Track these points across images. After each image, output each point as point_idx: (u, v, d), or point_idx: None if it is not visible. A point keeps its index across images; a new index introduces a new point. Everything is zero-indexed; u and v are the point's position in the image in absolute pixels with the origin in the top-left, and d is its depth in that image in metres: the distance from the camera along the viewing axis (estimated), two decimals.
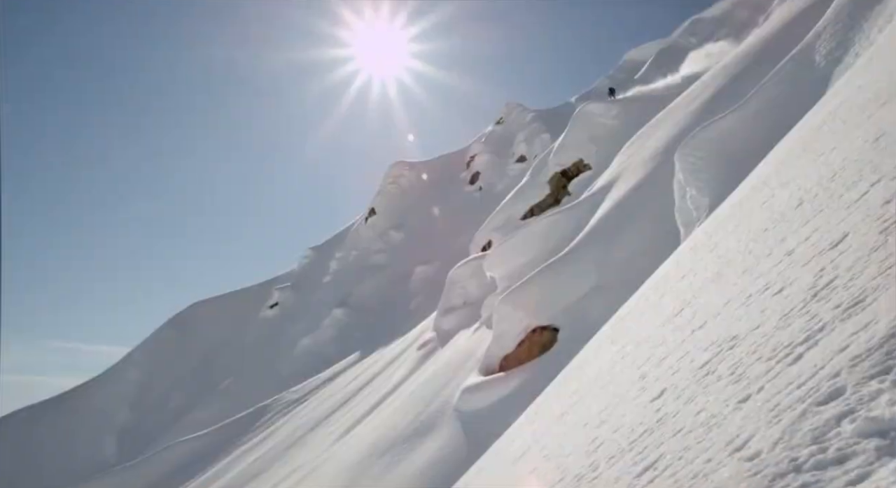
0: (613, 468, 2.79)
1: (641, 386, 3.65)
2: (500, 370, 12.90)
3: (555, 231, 16.95)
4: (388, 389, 19.23)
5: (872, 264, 2.45)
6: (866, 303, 2.22)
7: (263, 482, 18.08)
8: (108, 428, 43.50)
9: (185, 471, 23.99)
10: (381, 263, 48.78)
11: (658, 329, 4.69)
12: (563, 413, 5.06)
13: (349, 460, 14.06)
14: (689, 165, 10.05)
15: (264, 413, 27.58)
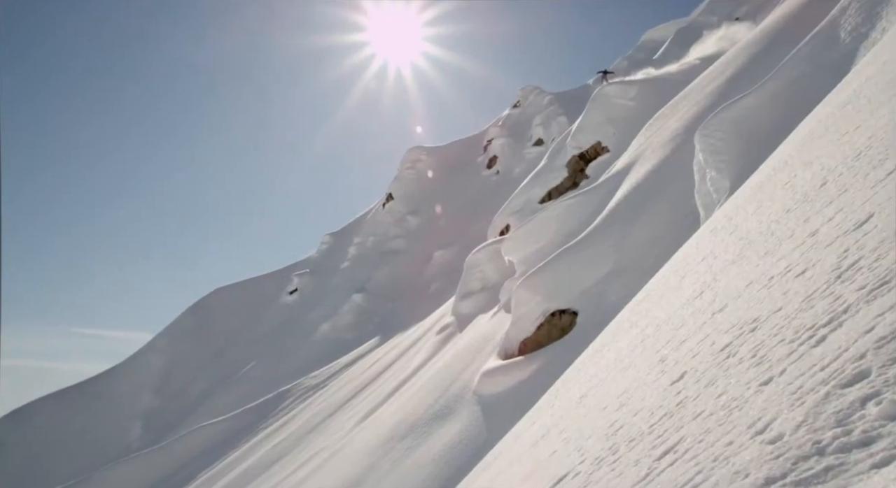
0: (633, 451, 2.78)
1: (661, 370, 3.63)
2: (518, 354, 12.92)
3: (573, 214, 16.86)
4: (408, 374, 19.35)
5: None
6: (892, 284, 2.18)
7: (285, 465, 18.33)
8: (134, 413, 44.30)
9: (209, 455, 24.38)
10: (399, 248, 48.90)
11: (678, 311, 4.66)
12: (583, 396, 5.05)
13: (369, 444, 14.19)
14: (710, 146, 9.92)
15: (285, 398, 27.89)
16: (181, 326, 53.13)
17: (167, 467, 25.20)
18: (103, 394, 46.62)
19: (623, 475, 2.61)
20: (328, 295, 48.08)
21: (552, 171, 24.93)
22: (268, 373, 38.39)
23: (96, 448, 40.21)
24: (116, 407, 45.18)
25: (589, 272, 12.76)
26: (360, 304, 42.54)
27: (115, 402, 45.64)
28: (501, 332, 14.53)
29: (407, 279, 43.31)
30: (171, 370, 48.18)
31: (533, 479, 3.82)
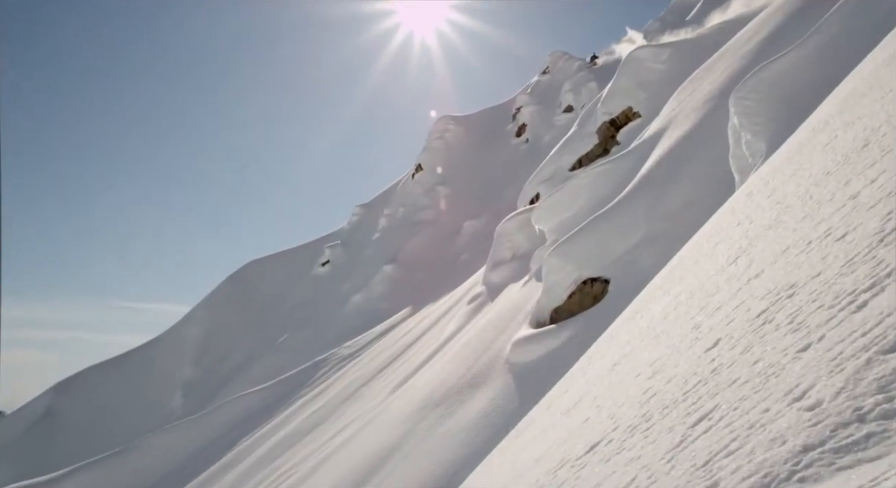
0: (667, 418, 2.76)
1: (695, 337, 3.59)
2: (550, 322, 12.91)
3: (604, 182, 16.64)
4: (440, 343, 19.51)
5: None
6: None
7: (322, 433, 18.73)
8: (174, 383, 45.59)
9: (247, 423, 25.03)
10: (429, 219, 48.96)
11: (712, 278, 4.58)
12: (615, 364, 5.03)
13: (403, 412, 14.40)
14: (745, 109, 9.64)
15: (320, 367, 28.40)
16: (218, 298, 54.23)
17: (208, 435, 25.96)
18: (145, 365, 48.04)
19: (657, 442, 2.60)
20: (360, 266, 48.50)
21: (582, 138, 24.57)
22: (303, 344, 39.08)
23: (140, 416, 41.59)
24: (158, 377, 46.55)
25: (621, 240, 12.63)
26: (391, 275, 42.86)
27: (156, 373, 47.01)
28: (532, 301, 14.52)
29: (437, 249, 43.43)
30: (208, 341, 49.34)
31: (566, 446, 3.84)
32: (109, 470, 25.74)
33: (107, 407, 44.24)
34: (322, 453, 16.43)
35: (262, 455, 20.17)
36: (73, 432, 42.04)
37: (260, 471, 18.84)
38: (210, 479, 20.82)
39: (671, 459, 2.32)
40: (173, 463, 24.92)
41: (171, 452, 25.72)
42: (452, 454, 10.62)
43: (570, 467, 3.34)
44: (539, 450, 4.50)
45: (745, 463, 1.84)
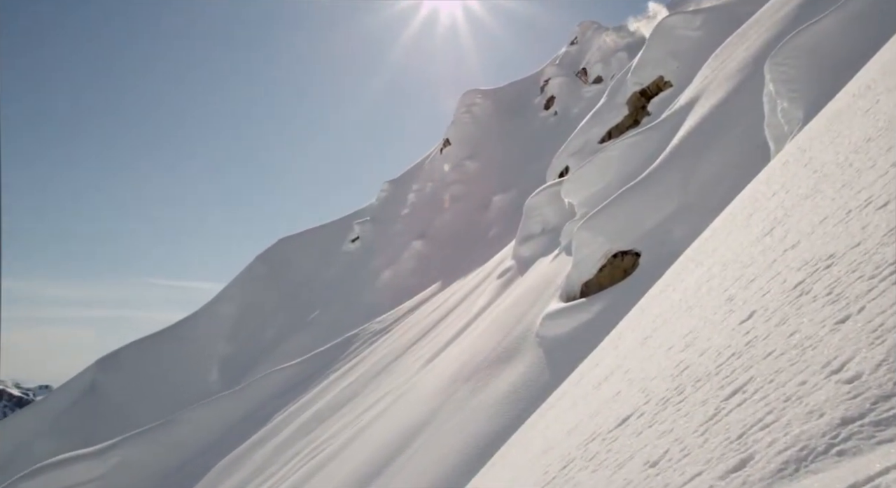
0: (700, 391, 2.73)
1: (729, 309, 3.53)
2: (580, 296, 12.85)
3: (634, 153, 16.38)
4: (470, 318, 19.58)
5: None
6: None
7: (354, 407, 19.03)
8: (211, 359, 46.61)
9: (282, 398, 25.54)
10: (457, 194, 48.84)
11: (746, 249, 4.49)
12: (647, 337, 4.99)
13: (435, 386, 14.54)
14: (781, 75, 9.36)
15: (351, 342, 28.76)
16: (250, 276, 55.04)
17: (244, 409, 26.57)
18: (183, 341, 49.14)
19: (689, 415, 2.58)
20: (389, 242, 48.74)
21: (612, 110, 24.15)
22: (334, 319, 39.57)
23: (179, 390, 42.69)
24: (194, 353, 47.61)
25: (652, 212, 12.46)
26: (421, 250, 43.00)
27: (193, 349, 48.08)
28: (562, 275, 14.45)
29: (466, 224, 43.39)
30: (242, 318, 50.22)
31: (597, 419, 3.83)
32: (151, 442, 26.54)
33: (147, 381, 45.48)
34: (355, 427, 16.71)
35: (296, 428, 20.59)
36: (115, 405, 43.37)
37: (295, 444, 19.25)
38: (247, 452, 21.35)
39: (704, 432, 2.29)
40: (212, 435, 25.60)
41: (210, 425, 26.40)
42: (483, 427, 10.70)
43: (601, 440, 3.34)
44: (570, 424, 4.51)
45: (781, 437, 1.81)
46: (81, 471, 25.50)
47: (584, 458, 3.31)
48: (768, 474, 1.70)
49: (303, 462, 17.02)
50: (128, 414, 41.03)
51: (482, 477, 6.66)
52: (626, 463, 2.70)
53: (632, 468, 2.59)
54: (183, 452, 25.32)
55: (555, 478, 3.45)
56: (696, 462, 2.12)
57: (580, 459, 3.37)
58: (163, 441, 26.44)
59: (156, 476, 24.40)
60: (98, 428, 39.09)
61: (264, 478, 18.06)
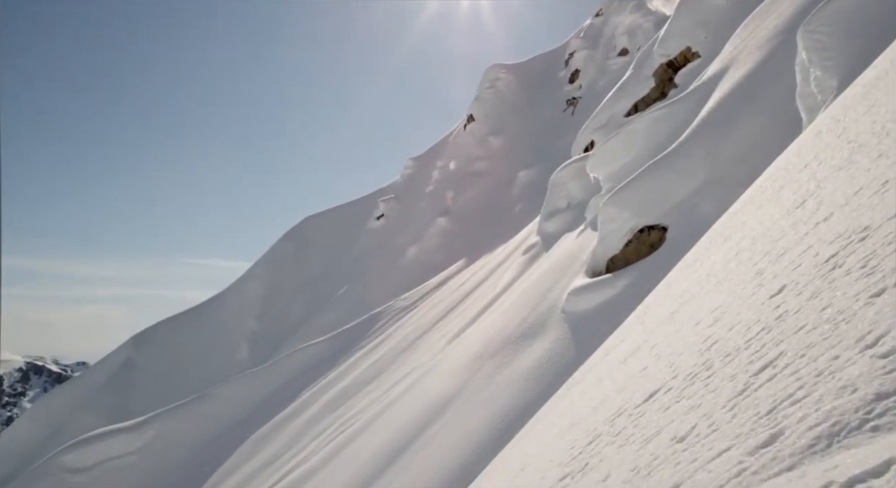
0: (728, 366, 2.70)
1: (758, 283, 3.47)
2: (606, 271, 12.77)
3: (661, 126, 16.11)
4: (495, 294, 19.59)
5: None
6: None
7: (381, 383, 19.25)
8: (240, 336, 47.41)
9: (310, 374, 25.92)
10: (481, 170, 48.62)
11: (777, 222, 4.40)
12: (674, 312, 4.94)
13: (460, 362, 14.63)
14: (815, 43, 9.08)
15: (378, 319, 29.00)
16: (277, 254, 55.62)
17: (273, 385, 27.04)
18: (213, 319, 50.01)
19: (718, 390, 2.55)
20: (414, 219, 48.81)
21: (638, 82, 23.72)
22: (360, 296, 39.89)
23: (210, 367, 43.56)
24: (225, 330, 48.46)
25: (679, 185, 12.28)
26: (446, 227, 43.00)
27: (223, 326, 48.94)
28: (588, 250, 14.36)
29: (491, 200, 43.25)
30: (270, 295, 50.88)
31: (624, 394, 3.82)
32: (185, 416, 27.19)
33: (179, 357, 46.47)
34: (383, 402, 16.91)
35: (325, 403, 20.92)
36: (149, 381, 44.44)
37: (324, 419, 19.57)
38: (278, 426, 21.77)
39: (733, 407, 2.27)
40: (242, 411, 26.13)
41: (241, 401, 26.94)
42: (509, 402, 10.76)
43: (627, 415, 3.33)
44: (596, 399, 4.50)
45: (813, 412, 1.78)
46: (120, 444, 26.26)
47: (611, 433, 3.30)
48: (799, 449, 1.68)
49: (332, 436, 17.32)
50: (161, 389, 42.03)
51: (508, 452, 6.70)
52: (653, 439, 2.69)
53: (659, 443, 2.58)
54: (215, 426, 25.91)
55: (581, 453, 3.45)
56: (725, 437, 2.10)
57: (607, 434, 3.36)
58: (196, 415, 27.07)
59: (190, 449, 25.03)
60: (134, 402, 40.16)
61: (295, 452, 18.43)
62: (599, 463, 3.02)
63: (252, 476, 19.01)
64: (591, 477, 2.96)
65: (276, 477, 17.24)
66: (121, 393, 43.49)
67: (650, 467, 2.42)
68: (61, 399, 44.87)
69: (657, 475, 2.29)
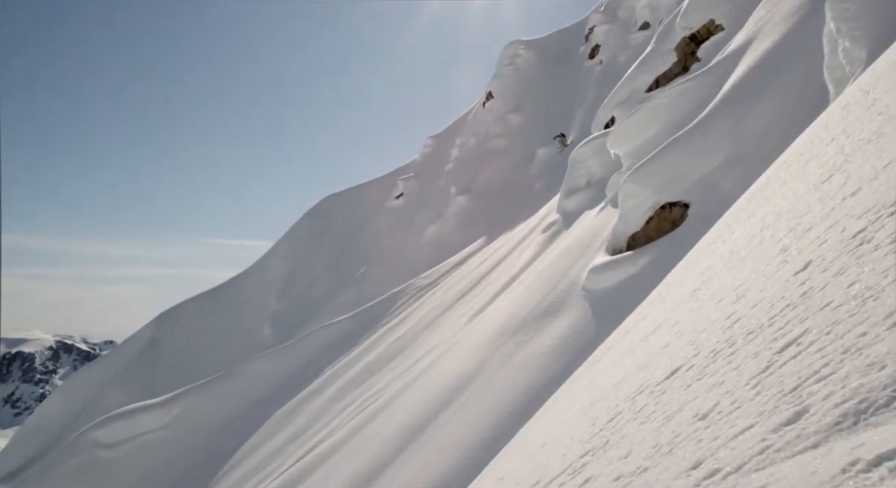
0: (752, 343, 2.67)
1: (783, 260, 3.42)
2: (627, 249, 12.68)
3: (683, 101, 15.84)
4: (515, 272, 19.57)
5: None
6: None
7: (403, 361, 19.40)
8: (263, 315, 47.97)
9: (332, 351, 26.20)
10: (501, 148, 48.31)
11: (802, 198, 4.32)
12: (696, 289, 4.90)
13: (481, 340, 14.68)
14: (843, 13, 8.84)
15: (398, 298, 29.15)
16: (298, 233, 55.98)
17: (296, 362, 27.39)
18: (236, 298, 50.64)
19: (741, 368, 2.53)
20: (433, 197, 48.76)
21: (660, 57, 23.31)
22: (381, 275, 40.09)
23: (234, 345, 44.21)
24: (247, 308, 49.06)
25: (701, 162, 12.10)
26: (465, 205, 42.91)
27: (246, 305, 49.53)
28: (608, 228, 14.26)
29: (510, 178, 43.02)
30: (292, 274, 51.32)
31: (645, 372, 3.80)
32: (211, 393, 27.68)
33: (204, 336, 47.20)
34: (404, 379, 17.07)
35: (347, 381, 21.16)
36: (175, 359, 45.24)
37: (347, 396, 19.81)
38: (301, 403, 22.09)
39: (756, 385, 2.25)
40: (266, 388, 26.54)
41: (265, 378, 27.35)
42: (530, 380, 10.80)
43: (649, 392, 3.32)
44: (617, 376, 4.49)
45: (839, 389, 1.75)
46: (148, 421, 26.84)
47: (632, 411, 3.30)
48: (824, 427, 1.66)
49: (355, 413, 17.54)
50: (187, 366, 42.78)
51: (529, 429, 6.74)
52: (674, 416, 2.68)
53: (680, 420, 2.57)
54: (240, 403, 26.35)
55: (602, 430, 3.46)
56: (748, 415, 2.08)
57: (628, 411, 3.36)
58: (221, 392, 27.54)
59: (216, 425, 25.52)
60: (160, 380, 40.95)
61: (319, 428, 18.70)
62: (620, 441, 3.02)
63: (277, 451, 19.35)
64: (611, 454, 2.96)
65: (300, 452, 17.54)
66: (147, 370, 44.36)
67: (672, 444, 2.41)
68: (90, 376, 45.91)
69: (679, 452, 2.28)
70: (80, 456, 25.81)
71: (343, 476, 13.23)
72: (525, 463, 4.63)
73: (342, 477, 13.15)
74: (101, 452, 25.80)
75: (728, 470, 1.85)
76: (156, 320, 50.31)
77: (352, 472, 13.01)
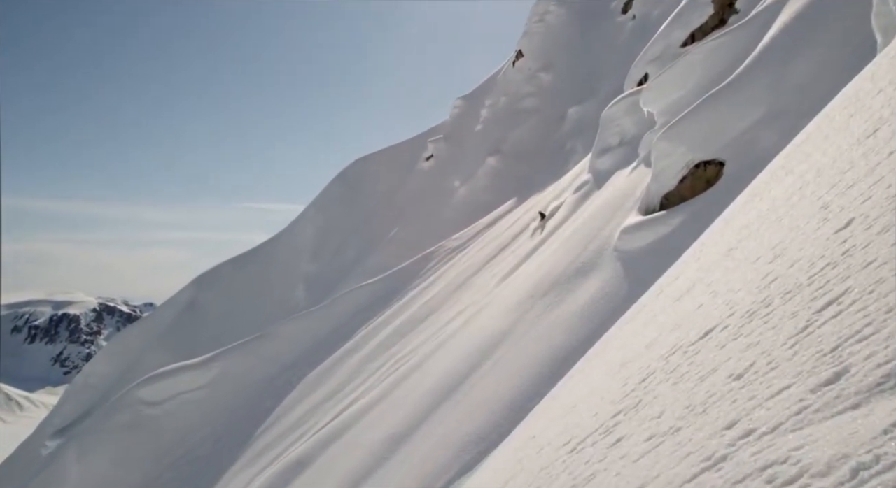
0: (789, 303, 2.62)
1: (823, 217, 3.32)
2: (660, 209, 12.49)
3: (719, 56, 15.34)
4: (547, 232, 19.46)
5: None
6: None
7: (434, 321, 19.59)
8: (296, 277, 48.70)
9: (365, 313, 26.55)
10: (531, 107, 47.59)
11: (845, 153, 4.18)
12: (731, 249, 4.80)
13: (512, 300, 14.71)
14: None
15: (429, 260, 29.29)
16: (329, 196, 56.30)
17: (329, 324, 27.84)
18: (270, 261, 51.45)
19: (778, 328, 2.48)
20: (463, 159, 48.46)
21: (695, 10, 22.52)
22: (412, 237, 40.25)
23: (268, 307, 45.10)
24: (281, 271, 49.84)
25: (738, 118, 11.77)
26: (495, 166, 42.59)
27: (280, 267, 50.32)
28: (641, 188, 14.04)
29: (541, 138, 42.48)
30: (323, 237, 51.83)
31: (679, 332, 3.77)
32: (247, 354, 28.39)
33: (240, 298, 48.21)
34: (436, 340, 17.25)
35: (380, 342, 21.47)
36: (212, 320, 46.38)
37: (379, 357, 20.13)
38: (335, 364, 22.53)
39: (794, 345, 2.21)
40: (301, 349, 27.10)
41: (299, 339, 27.91)
42: (561, 340, 10.82)
43: (682, 353, 3.29)
44: (650, 336, 4.46)
45: (881, 349, 1.71)
46: (188, 380, 27.71)
47: (665, 371, 3.28)
48: (865, 388, 1.62)
49: (387, 373, 17.84)
50: (224, 327, 43.85)
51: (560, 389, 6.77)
52: (708, 376, 2.66)
53: (715, 381, 2.54)
54: (276, 364, 27.00)
55: (634, 390, 3.45)
56: (785, 375, 2.05)
57: (661, 372, 3.34)
58: (258, 353, 28.22)
59: (253, 385, 26.23)
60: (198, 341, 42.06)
61: (352, 388, 19.09)
62: (653, 400, 3.01)
63: (314, 409, 19.85)
64: (644, 413, 2.96)
65: (336, 410, 17.96)
66: (186, 331, 45.60)
67: (705, 404, 2.39)
68: (133, 338, 47.40)
69: (713, 412, 2.26)
70: (127, 412, 26.84)
71: (379, 432, 13.53)
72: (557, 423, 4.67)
73: (378, 434, 13.46)
74: (146, 409, 26.78)
75: (763, 430, 1.83)
76: (193, 283, 51.48)
77: (387, 429, 13.30)
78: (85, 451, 25.93)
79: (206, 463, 22.57)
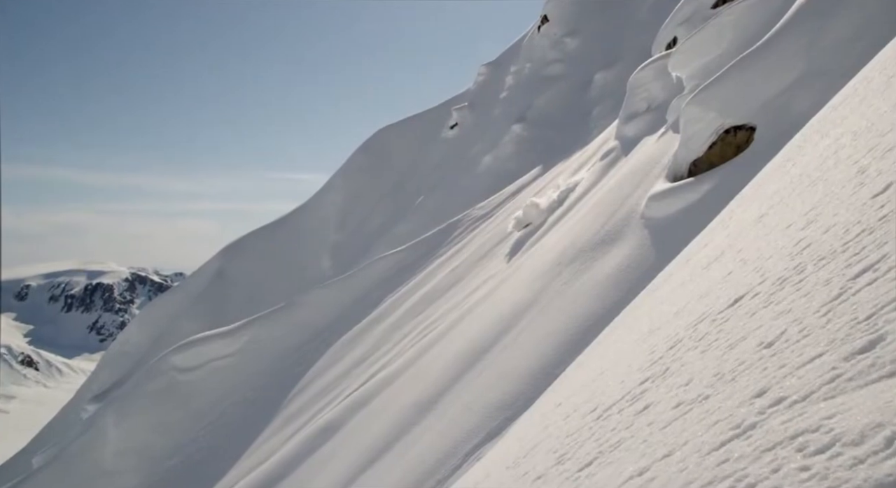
0: (823, 270, 2.56)
1: (859, 182, 3.23)
2: (689, 175, 12.28)
3: (752, 17, 14.88)
4: (573, 200, 19.30)
5: None
6: None
7: (460, 290, 19.66)
8: (322, 246, 49.15)
9: (391, 282, 26.74)
10: (557, 73, 46.80)
11: (884, 115, 4.04)
12: (762, 215, 4.71)
13: (538, 268, 14.68)
14: None
15: (455, 228, 29.28)
16: (354, 165, 56.39)
17: (356, 293, 28.10)
18: (296, 230, 51.93)
19: (810, 295, 2.44)
20: (488, 126, 48.03)
21: None
22: (437, 206, 40.24)
23: (295, 276, 45.67)
24: (308, 240, 50.32)
25: (771, 81, 11.44)
26: (521, 134, 42.14)
27: (306, 237, 50.79)
28: (669, 154, 13.80)
29: (567, 105, 41.85)
30: (349, 206, 52.09)
31: (707, 300, 3.73)
32: (275, 322, 28.85)
33: (267, 267, 48.85)
34: (462, 308, 17.33)
35: (406, 310, 21.65)
36: (241, 290, 47.12)
37: (406, 325, 20.32)
38: (362, 332, 22.80)
39: (827, 312, 2.17)
40: (328, 317, 27.44)
41: (326, 307, 28.24)
42: (587, 308, 10.80)
43: (711, 321, 3.26)
44: (677, 305, 4.43)
45: None
46: (219, 347, 28.30)
47: (693, 339, 3.25)
48: None
49: (414, 340, 18.01)
50: (252, 296, 44.56)
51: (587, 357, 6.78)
52: (738, 344, 2.63)
53: (744, 349, 2.52)
54: (304, 332, 27.41)
55: (661, 358, 3.43)
56: (818, 343, 2.01)
57: (688, 339, 3.31)
58: (285, 321, 28.66)
59: (282, 352, 26.71)
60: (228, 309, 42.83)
61: (379, 356, 19.34)
62: (681, 368, 3.00)
63: (341, 377, 20.18)
64: (671, 381, 2.95)
65: (364, 377, 18.24)
66: (215, 300, 46.44)
67: (735, 372, 2.37)
68: (164, 306, 48.47)
69: (742, 380, 2.24)
70: (161, 379, 27.56)
71: (406, 398, 13.73)
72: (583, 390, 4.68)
73: (406, 400, 13.66)
74: (179, 376, 27.47)
75: (795, 398, 1.81)
76: (221, 253, 52.23)
77: (414, 396, 13.49)
78: (122, 415, 26.73)
79: (238, 427, 23.15)
